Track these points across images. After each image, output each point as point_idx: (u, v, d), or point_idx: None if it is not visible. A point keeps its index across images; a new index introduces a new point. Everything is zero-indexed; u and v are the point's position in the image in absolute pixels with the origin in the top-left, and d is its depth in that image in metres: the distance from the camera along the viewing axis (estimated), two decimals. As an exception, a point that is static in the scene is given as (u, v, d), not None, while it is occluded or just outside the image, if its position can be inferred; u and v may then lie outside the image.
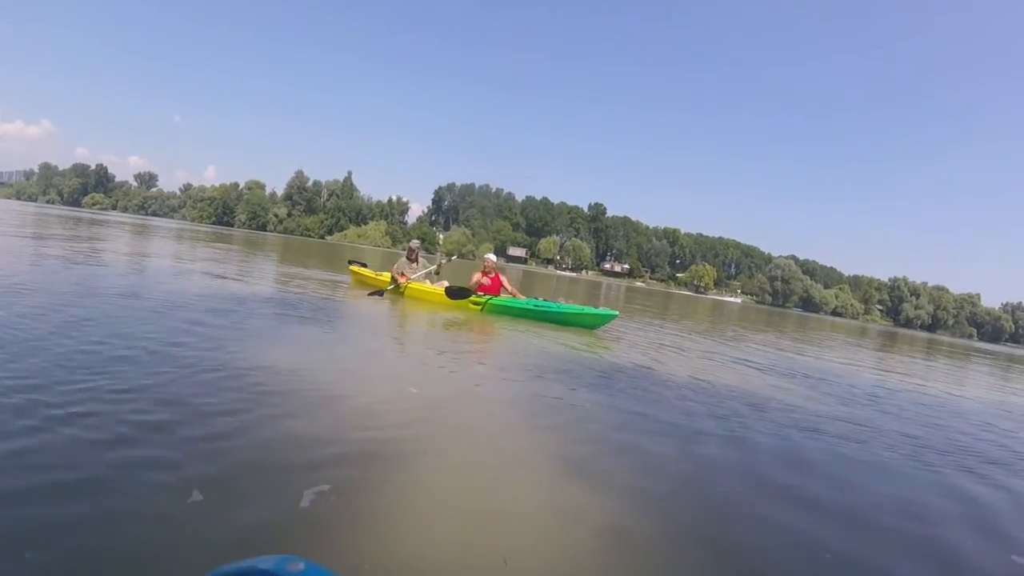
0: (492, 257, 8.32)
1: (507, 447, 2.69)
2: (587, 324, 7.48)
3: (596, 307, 7.73)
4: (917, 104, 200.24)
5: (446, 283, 8.40)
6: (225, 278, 8.46)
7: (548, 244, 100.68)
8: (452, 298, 7.81)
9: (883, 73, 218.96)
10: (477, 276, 7.92)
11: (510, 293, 7.95)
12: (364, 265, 9.89)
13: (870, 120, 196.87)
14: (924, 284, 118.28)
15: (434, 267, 8.56)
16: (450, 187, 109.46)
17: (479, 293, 7.77)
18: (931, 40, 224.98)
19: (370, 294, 8.32)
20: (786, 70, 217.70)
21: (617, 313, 7.73)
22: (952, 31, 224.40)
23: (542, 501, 2.12)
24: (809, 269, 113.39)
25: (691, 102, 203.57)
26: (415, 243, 9.11)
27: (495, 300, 7.68)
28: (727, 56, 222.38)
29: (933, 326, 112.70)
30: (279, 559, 0.57)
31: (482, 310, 7.63)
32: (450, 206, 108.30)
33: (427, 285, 8.37)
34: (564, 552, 1.77)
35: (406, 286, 8.32)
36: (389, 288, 8.36)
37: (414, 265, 8.69)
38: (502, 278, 8.07)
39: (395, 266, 8.71)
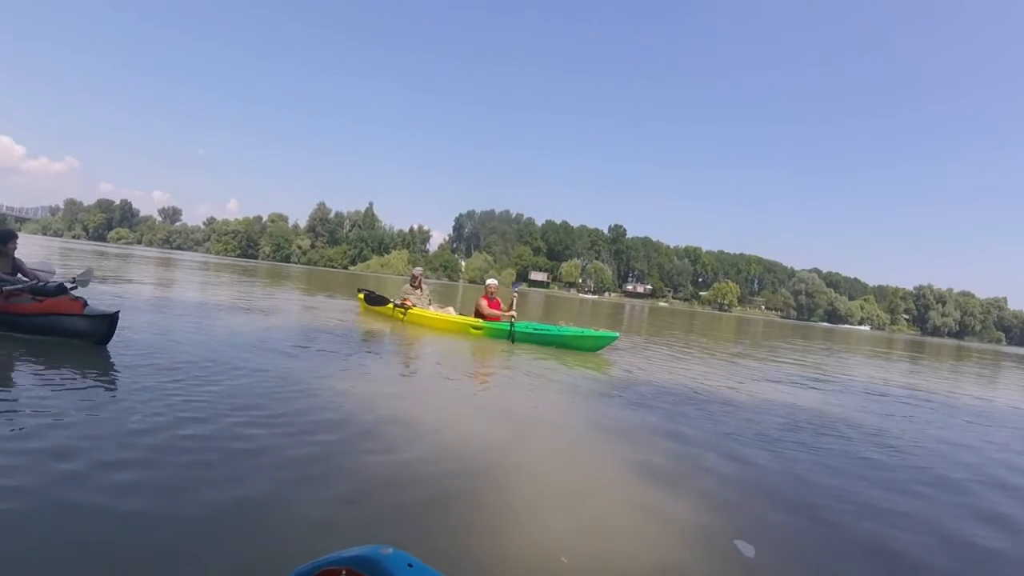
0: (494, 282, 8.71)
1: (576, 460, 3.02)
2: (588, 347, 7.61)
3: (602, 330, 7.92)
4: (934, 106, 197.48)
5: (451, 309, 8.99)
6: (281, 313, 9.19)
7: (569, 267, 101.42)
8: (370, 304, 9.11)
9: (898, 76, 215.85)
10: (483, 302, 8.25)
11: (509, 314, 8.08)
12: (373, 292, 10.29)
13: (889, 126, 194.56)
14: (950, 291, 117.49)
15: (509, 308, 8.31)
16: (470, 214, 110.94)
17: (486, 319, 8.07)
18: (951, 35, 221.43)
19: (370, 301, 9.19)
20: (793, 75, 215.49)
21: (618, 335, 7.93)
22: (976, 27, 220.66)
23: (620, 506, 2.41)
24: (833, 282, 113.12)
25: (707, 116, 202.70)
26: (418, 270, 9.53)
27: (498, 326, 7.90)
28: (737, 66, 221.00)
29: (960, 333, 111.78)
30: (371, 547, 0.70)
31: (484, 333, 7.89)
32: (471, 233, 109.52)
33: (429, 311, 8.79)
34: (645, 551, 2.03)
35: (408, 310, 8.75)
36: (395, 304, 8.92)
37: (417, 291, 9.13)
38: (500, 301, 8.46)
39: (399, 291, 9.23)
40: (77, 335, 4.31)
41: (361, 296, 10.05)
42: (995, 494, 3.18)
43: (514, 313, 7.94)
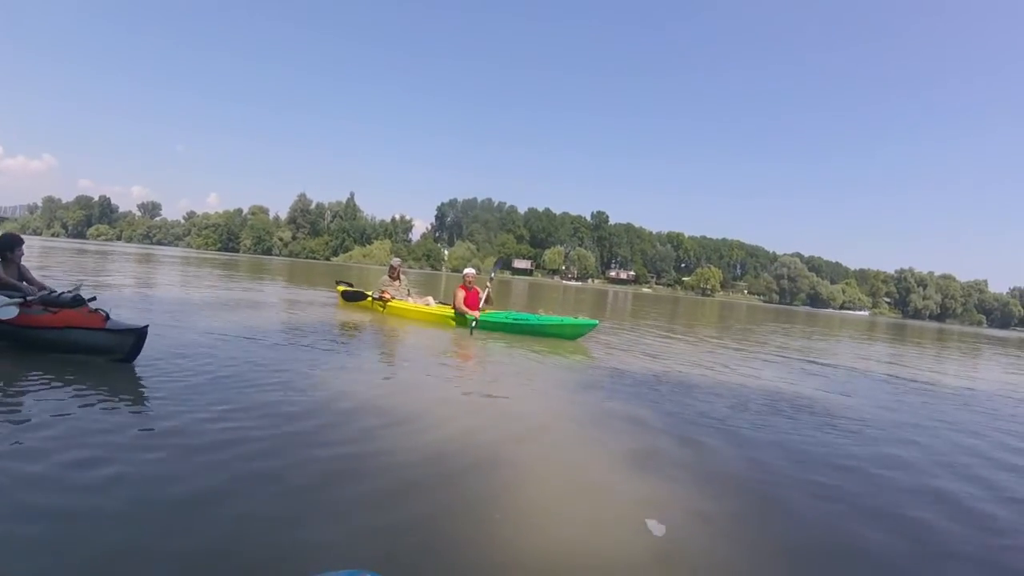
0: (472, 271, 8.50)
1: (554, 452, 3.00)
2: (567, 335, 7.58)
3: (582, 318, 7.85)
4: (912, 94, 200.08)
5: (430, 299, 8.94)
6: (269, 306, 9.28)
7: (553, 254, 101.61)
8: (348, 300, 8.91)
9: (874, 64, 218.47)
10: (461, 294, 8.01)
11: (474, 313, 7.84)
12: (350, 285, 10.17)
13: (865, 112, 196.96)
14: (931, 274, 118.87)
15: (484, 294, 8.11)
16: (452, 203, 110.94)
17: (467, 309, 7.87)
18: (929, 27, 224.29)
19: (348, 297, 8.94)
20: (778, 67, 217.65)
21: (597, 322, 7.86)
22: (954, 20, 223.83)
23: (614, 498, 2.44)
24: (815, 266, 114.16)
25: (686, 104, 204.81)
26: (396, 261, 9.44)
27: (482, 316, 7.73)
28: (716, 55, 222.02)
29: (942, 315, 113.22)
30: (350, 572, 0.64)
31: (471, 330, 7.61)
32: (453, 222, 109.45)
33: (408, 303, 8.76)
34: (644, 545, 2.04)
35: (387, 303, 8.70)
36: (373, 297, 8.83)
37: (396, 283, 9.07)
38: (479, 291, 8.17)
39: (378, 283, 9.15)
40: (99, 351, 3.85)
41: (340, 289, 9.93)
42: (950, 478, 3.19)
43: (477, 314, 7.65)
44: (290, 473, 2.33)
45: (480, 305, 7.86)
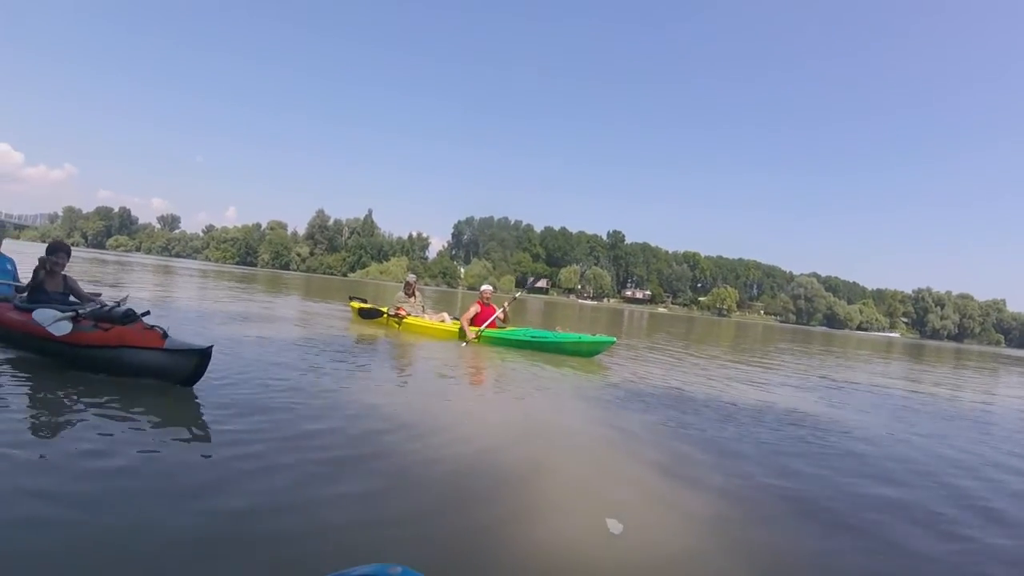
0: (489, 288, 8.50)
1: (573, 464, 3.07)
2: (585, 352, 7.54)
3: (600, 335, 7.87)
4: (927, 107, 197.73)
5: (445, 315, 8.90)
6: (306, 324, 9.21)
7: (568, 273, 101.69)
8: (364, 317, 8.85)
9: (887, 75, 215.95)
10: (475, 308, 8.08)
11: (503, 319, 8.10)
12: (364, 301, 10.17)
13: (886, 128, 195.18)
14: (948, 293, 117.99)
15: (500, 312, 8.20)
16: (469, 221, 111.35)
17: (478, 324, 7.96)
18: (943, 34, 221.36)
19: (364, 315, 8.90)
20: (789, 78, 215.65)
21: (615, 339, 7.86)
22: (973, 25, 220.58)
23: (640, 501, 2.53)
24: (832, 286, 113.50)
25: (706, 121, 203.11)
26: (412, 277, 9.43)
27: (495, 333, 7.82)
28: (735, 71, 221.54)
29: (960, 335, 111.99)
30: (378, 566, 0.66)
31: (481, 341, 7.77)
32: (470, 239, 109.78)
33: (424, 319, 8.74)
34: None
35: (403, 319, 8.66)
36: (389, 314, 8.79)
37: (411, 299, 9.05)
38: (496, 308, 8.25)
39: (393, 300, 9.16)
40: (157, 374, 3.48)
41: (354, 305, 9.91)
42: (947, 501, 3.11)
43: (473, 334, 7.76)
44: (344, 480, 2.45)
45: (496, 323, 7.98)
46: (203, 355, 3.41)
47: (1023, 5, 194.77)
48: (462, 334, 7.87)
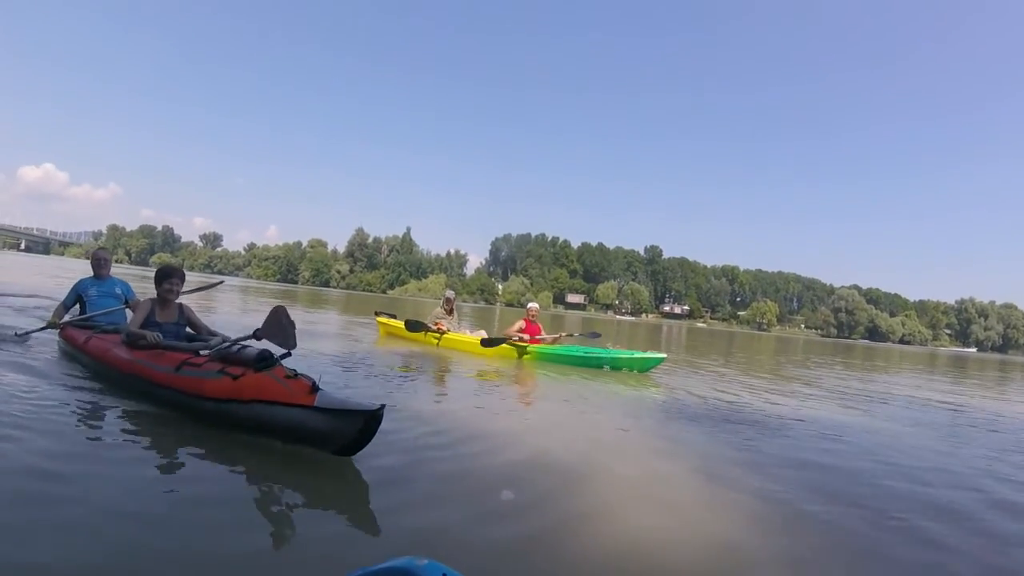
0: (535, 305, 8.67)
1: (640, 475, 3.10)
2: (637, 368, 7.70)
3: (650, 352, 8.00)
4: (969, 111, 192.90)
5: (483, 332, 8.83)
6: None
7: (606, 289, 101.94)
8: (487, 346, 8.15)
9: (934, 81, 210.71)
10: (521, 324, 8.19)
11: (549, 340, 8.20)
12: (393, 315, 10.04)
13: (927, 134, 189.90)
14: (992, 303, 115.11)
15: (549, 338, 8.34)
16: (506, 238, 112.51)
17: (522, 341, 8.01)
18: (991, 40, 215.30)
19: (411, 328, 8.79)
20: (826, 85, 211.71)
21: (665, 356, 8.03)
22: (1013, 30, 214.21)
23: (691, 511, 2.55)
24: (873, 297, 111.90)
25: (742, 132, 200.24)
26: (450, 293, 9.43)
27: (549, 349, 7.93)
28: (771, 79, 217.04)
29: (1004, 346, 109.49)
30: (406, 559, 0.71)
31: (531, 357, 7.83)
32: (507, 256, 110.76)
33: (465, 335, 8.73)
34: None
35: (444, 335, 8.59)
36: (430, 331, 8.71)
37: (449, 316, 9.01)
38: (540, 327, 8.36)
39: (431, 316, 9.05)
40: (304, 438, 2.62)
41: (381, 320, 9.88)
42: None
43: (528, 343, 7.96)
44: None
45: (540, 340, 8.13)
46: (370, 418, 2.48)
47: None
48: (521, 351, 7.90)
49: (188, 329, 3.74)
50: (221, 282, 6.56)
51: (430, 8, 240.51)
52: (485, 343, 8.10)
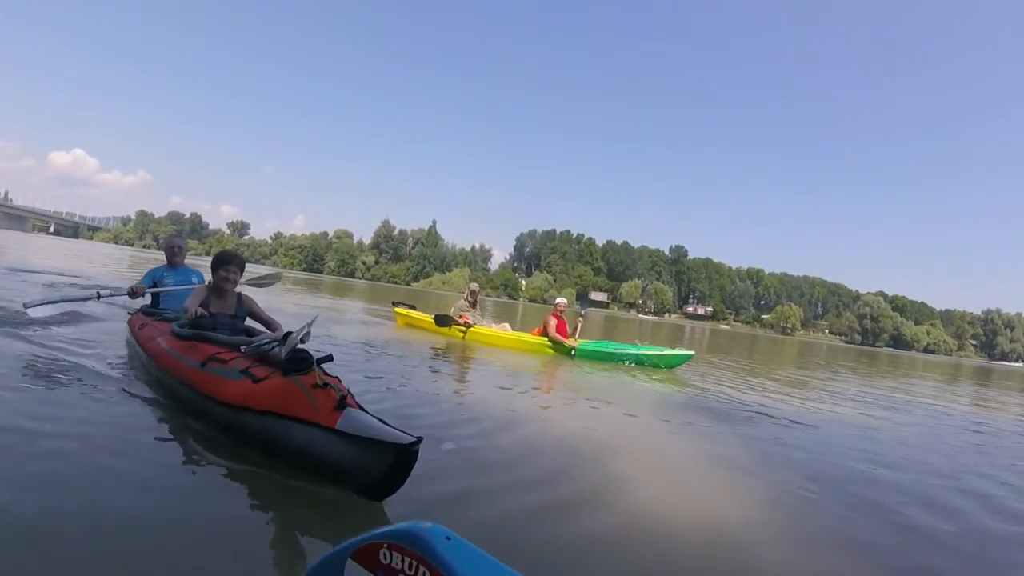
0: (563, 301, 8.72)
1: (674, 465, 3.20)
2: (665, 364, 7.91)
3: (678, 348, 8.24)
4: (997, 121, 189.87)
5: (507, 325, 8.91)
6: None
7: (630, 288, 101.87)
8: (440, 325, 8.45)
9: (964, 90, 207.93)
10: (553, 321, 8.18)
11: (571, 343, 8.16)
12: (412, 307, 10.01)
13: (955, 144, 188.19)
14: (1019, 315, 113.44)
15: (574, 333, 8.32)
16: (531, 233, 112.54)
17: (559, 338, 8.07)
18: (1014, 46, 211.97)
19: (440, 323, 8.62)
20: (856, 91, 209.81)
21: (693, 353, 8.21)
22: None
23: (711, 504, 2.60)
24: (899, 305, 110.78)
25: (770, 137, 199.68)
26: (475, 286, 9.28)
27: (580, 345, 7.99)
28: (800, 85, 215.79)
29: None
30: (411, 522, 0.73)
31: (574, 356, 7.90)
32: (532, 252, 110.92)
33: (492, 328, 8.74)
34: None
35: (470, 328, 8.55)
36: (457, 324, 8.61)
37: (473, 309, 8.95)
38: (567, 323, 8.39)
39: (454, 308, 8.93)
40: (321, 469, 1.98)
41: (399, 311, 9.87)
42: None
43: (574, 342, 8.00)
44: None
45: (574, 335, 8.23)
46: (403, 454, 1.82)
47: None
48: (559, 347, 8.03)
49: (249, 323, 3.32)
50: (280, 276, 6.44)
51: (459, 10, 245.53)
52: (439, 321, 8.48)
